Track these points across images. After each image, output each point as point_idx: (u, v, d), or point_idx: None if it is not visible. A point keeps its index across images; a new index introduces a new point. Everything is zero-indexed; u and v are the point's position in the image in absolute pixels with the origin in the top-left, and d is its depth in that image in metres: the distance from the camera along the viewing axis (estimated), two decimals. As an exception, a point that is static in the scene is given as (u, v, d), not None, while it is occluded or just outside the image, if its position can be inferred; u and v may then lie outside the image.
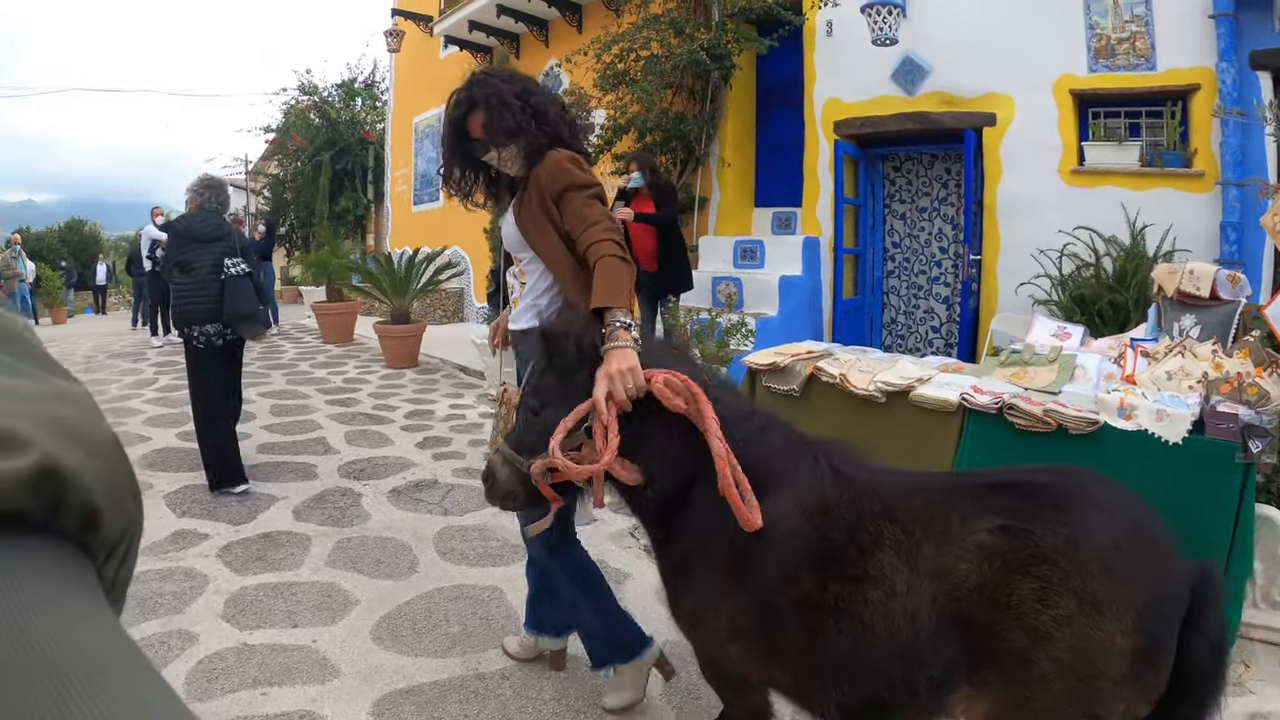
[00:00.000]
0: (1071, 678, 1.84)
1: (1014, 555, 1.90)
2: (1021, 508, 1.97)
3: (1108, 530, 1.92)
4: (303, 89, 22.97)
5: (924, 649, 1.96)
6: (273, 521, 5.28)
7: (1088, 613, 1.83)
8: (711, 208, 9.76)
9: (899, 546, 2.01)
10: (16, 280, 18.15)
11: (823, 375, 4.22)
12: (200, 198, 6.00)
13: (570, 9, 11.84)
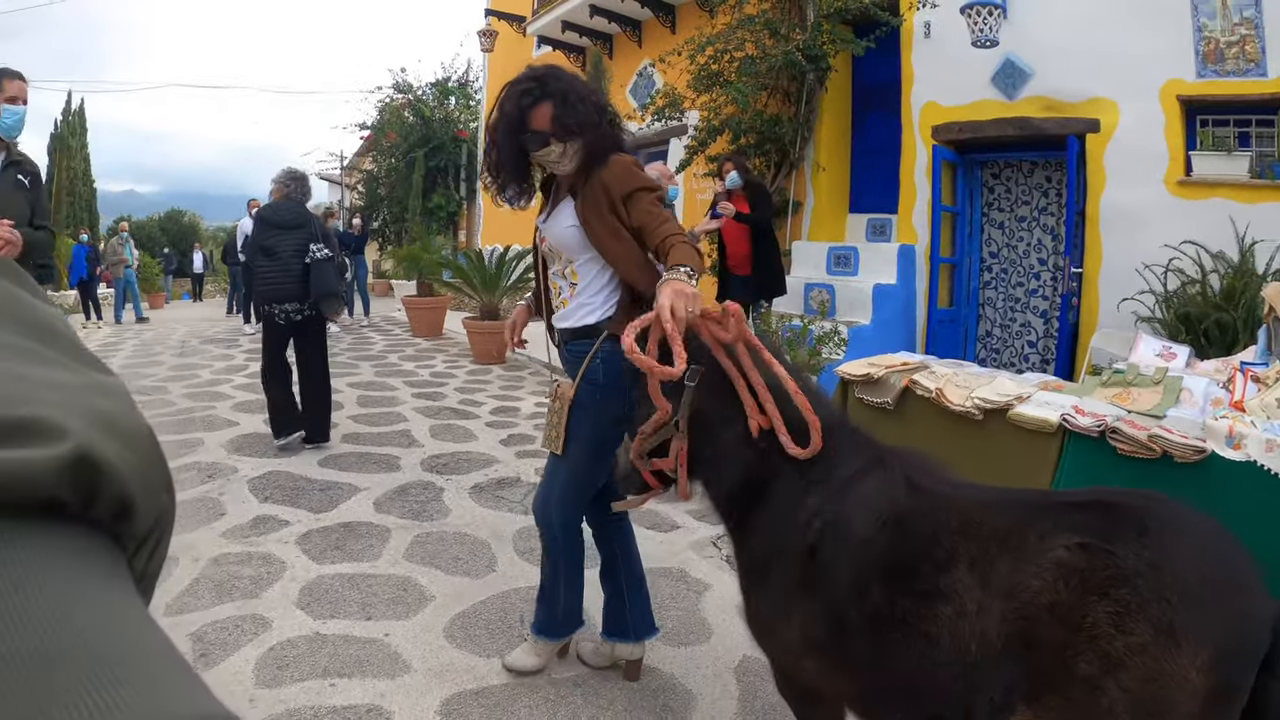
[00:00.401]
0: (1140, 711, 1.72)
1: (1092, 575, 1.79)
2: (1104, 527, 1.85)
3: (1192, 559, 1.80)
4: (398, 87, 23.34)
5: (989, 670, 1.87)
6: (353, 511, 5.33)
7: (1163, 643, 1.71)
8: (805, 212, 9.59)
9: (973, 563, 1.93)
10: (122, 266, 18.66)
11: (918, 389, 4.07)
12: (285, 188, 6.78)
13: (663, 9, 11.79)
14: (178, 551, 4.69)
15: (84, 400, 0.42)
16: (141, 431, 0.45)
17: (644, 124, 10.05)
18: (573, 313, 3.23)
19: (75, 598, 0.36)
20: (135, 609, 0.40)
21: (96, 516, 0.40)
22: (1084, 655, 1.76)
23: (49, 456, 0.37)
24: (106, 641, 0.35)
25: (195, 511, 5.34)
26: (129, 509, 0.42)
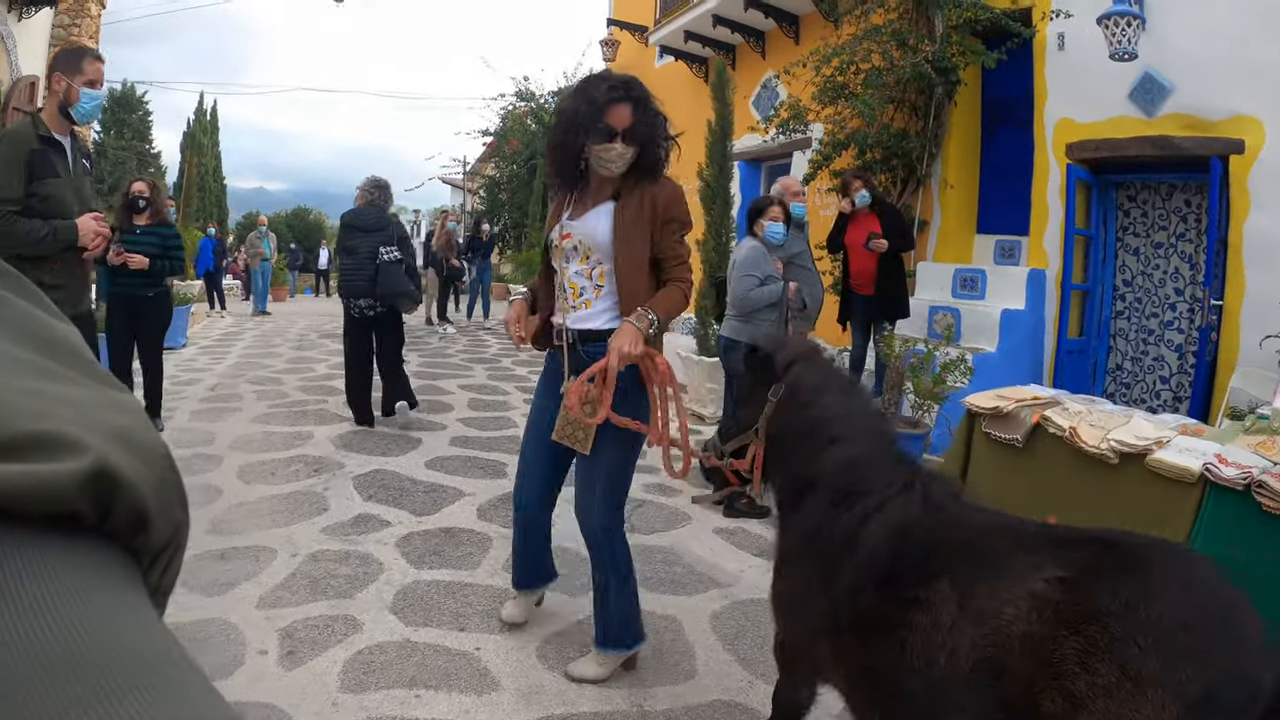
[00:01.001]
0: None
1: (1065, 609, 1.78)
2: (1089, 564, 1.85)
3: (1174, 606, 1.74)
4: (520, 95, 23.56)
5: (957, 692, 1.92)
6: (455, 517, 5.26)
7: (1128, 689, 1.67)
8: (931, 231, 9.20)
9: (955, 579, 1.99)
10: (259, 259, 19.22)
11: (1050, 426, 3.82)
12: (369, 195, 7.43)
13: (787, 19, 11.57)
14: (277, 544, 4.69)
15: (101, 416, 0.43)
16: (157, 447, 0.45)
17: (767, 136, 9.85)
18: (597, 315, 3.34)
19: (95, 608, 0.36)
20: (152, 619, 0.40)
21: (113, 530, 0.40)
22: (1049, 692, 1.75)
23: (68, 470, 0.37)
24: (126, 651, 0.36)
25: (298, 505, 5.36)
26: (145, 522, 0.42)
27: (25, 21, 13.47)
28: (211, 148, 40.24)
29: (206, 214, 35.86)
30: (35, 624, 0.33)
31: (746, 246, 5.63)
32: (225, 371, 10.58)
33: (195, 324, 15.49)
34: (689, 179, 13.77)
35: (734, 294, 5.52)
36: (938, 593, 1.99)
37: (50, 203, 4.16)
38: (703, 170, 8.80)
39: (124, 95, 39.73)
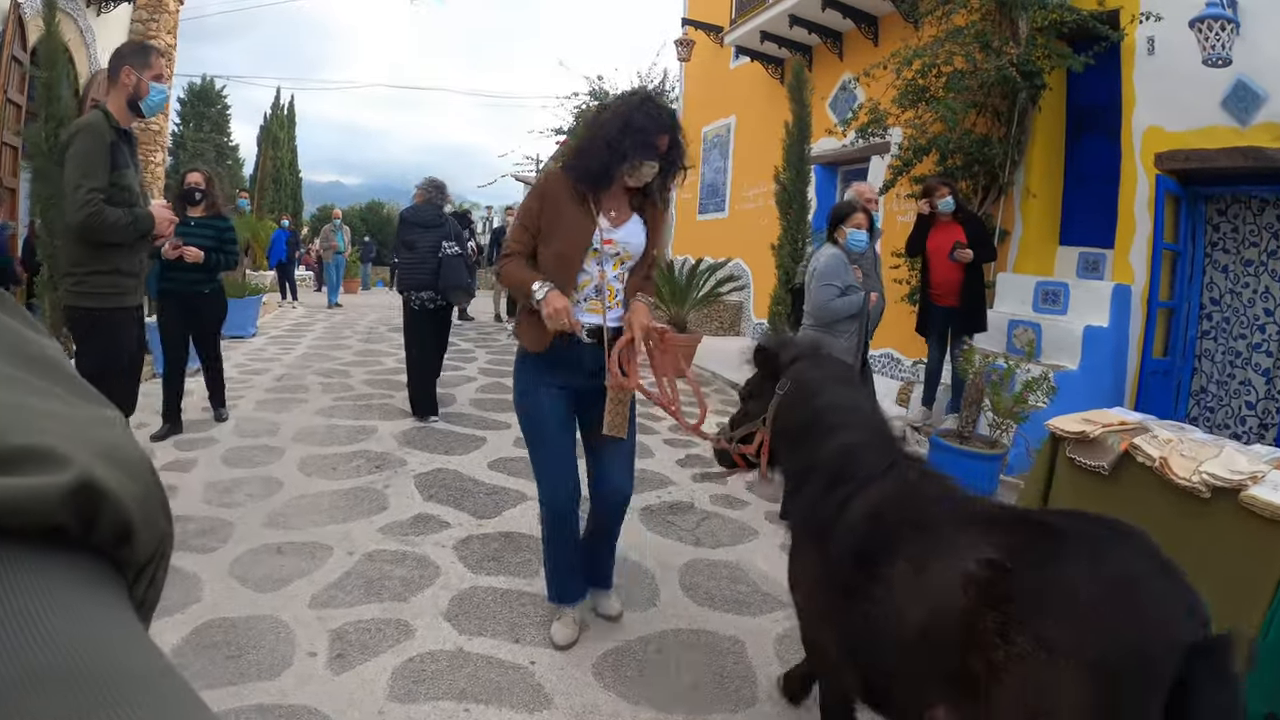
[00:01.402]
0: (1028, 711, 1.86)
1: (989, 587, 1.99)
2: (1016, 545, 2.06)
3: (1091, 581, 1.92)
4: (594, 95, 23.53)
5: (907, 657, 2.16)
6: (516, 521, 5.14)
7: (1040, 657, 1.85)
8: (1012, 242, 8.80)
9: (914, 558, 2.22)
10: (333, 252, 19.42)
11: (1138, 455, 3.59)
12: (427, 194, 7.86)
13: (866, 20, 11.28)
14: (333, 541, 4.63)
15: (85, 430, 0.43)
16: (141, 461, 0.46)
17: (845, 140, 9.59)
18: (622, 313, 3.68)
19: (81, 620, 0.37)
20: (139, 632, 0.41)
21: (98, 543, 0.41)
22: (976, 660, 1.95)
23: (53, 483, 0.38)
24: (113, 664, 0.36)
25: (358, 501, 5.30)
26: (129, 536, 0.42)
27: (104, 16, 13.72)
28: (288, 141, 41.08)
29: (282, 206, 36.58)
30: (21, 636, 0.34)
31: (827, 254, 5.37)
32: (293, 362, 10.65)
33: (266, 314, 15.66)
34: (764, 182, 13.61)
35: (814, 303, 5.29)
36: (899, 569, 2.23)
37: (126, 193, 4.27)
38: (779, 173, 8.60)
39: (203, 89, 40.66)
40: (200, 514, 5.02)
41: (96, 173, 4.07)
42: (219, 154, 40.16)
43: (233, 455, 6.25)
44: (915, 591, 2.16)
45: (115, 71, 4.27)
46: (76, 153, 4.08)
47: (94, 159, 4.08)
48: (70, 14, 12.49)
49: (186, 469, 5.91)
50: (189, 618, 3.74)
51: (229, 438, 6.74)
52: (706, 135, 16.81)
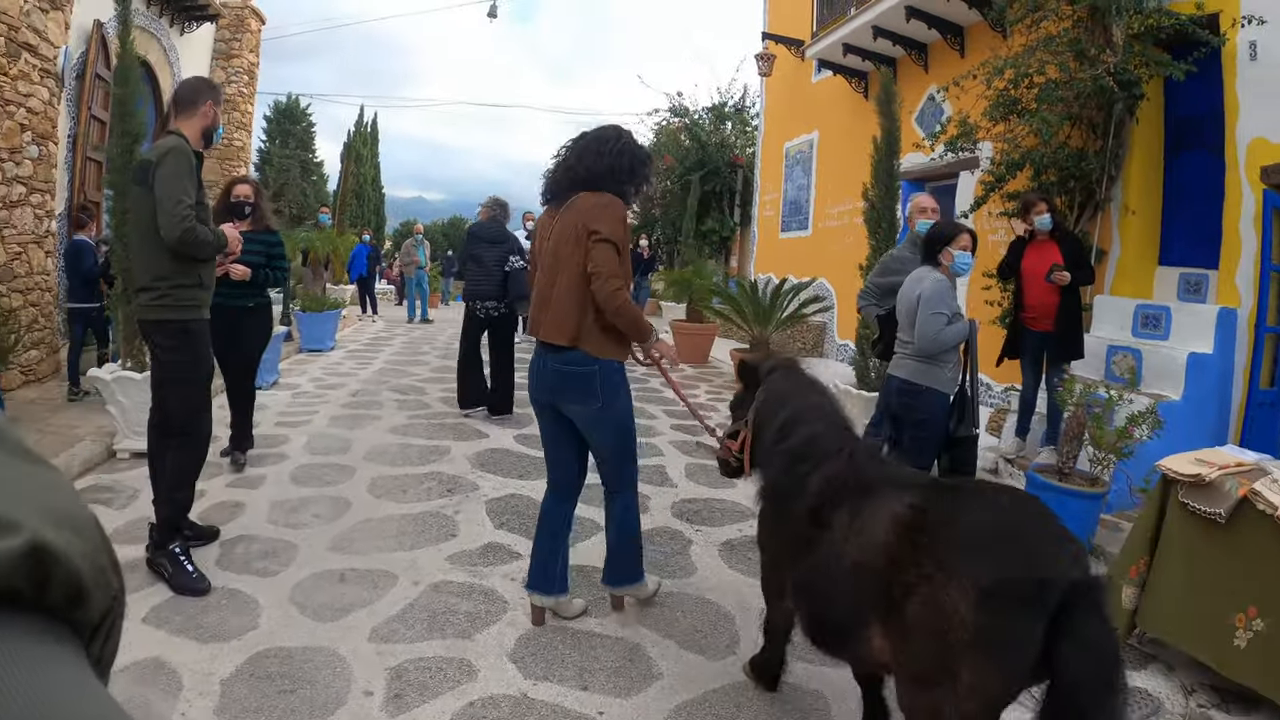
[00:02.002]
0: (927, 628, 2.29)
1: (908, 524, 2.47)
2: (933, 496, 2.59)
3: (988, 524, 2.40)
4: (674, 111, 23.43)
5: (847, 586, 2.65)
6: (590, 554, 4.88)
7: (941, 578, 2.28)
8: (1109, 262, 8.19)
9: (852, 509, 2.74)
10: (414, 267, 19.53)
11: (1258, 501, 3.29)
12: (491, 211, 8.74)
13: (951, 30, 10.83)
14: (399, 569, 4.49)
15: (34, 495, 0.44)
16: (89, 521, 0.47)
17: (933, 154, 9.21)
18: None
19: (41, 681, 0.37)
20: (98, 691, 0.41)
21: (51, 604, 0.41)
22: (895, 583, 2.40)
23: (4, 548, 0.38)
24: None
25: (427, 527, 5.16)
26: (82, 596, 0.43)
27: (187, 35, 13.97)
28: (370, 158, 41.75)
29: (364, 221, 37.17)
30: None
31: (932, 279, 4.88)
32: (369, 377, 10.62)
33: (346, 327, 15.75)
34: (849, 199, 13.29)
35: (921, 333, 4.82)
36: (839, 519, 2.78)
37: (205, 211, 4.38)
38: (867, 190, 8.26)
39: (288, 107, 41.49)
40: (265, 534, 4.94)
41: (190, 190, 4.14)
42: (304, 170, 40.89)
43: (302, 473, 6.17)
44: (853, 532, 2.69)
45: (194, 102, 4.37)
46: (170, 173, 4.10)
47: (186, 178, 4.14)
48: (154, 34, 12.70)
49: (255, 486, 5.84)
50: (245, 645, 3.62)
51: (300, 454, 6.67)
52: (789, 151, 16.44)
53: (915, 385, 4.85)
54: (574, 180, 3.81)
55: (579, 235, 3.67)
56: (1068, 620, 2.14)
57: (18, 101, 8.08)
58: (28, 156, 8.32)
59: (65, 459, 5.99)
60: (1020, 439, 7.08)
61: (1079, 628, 2.14)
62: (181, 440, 4.40)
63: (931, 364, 4.82)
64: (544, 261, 3.86)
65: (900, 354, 5.04)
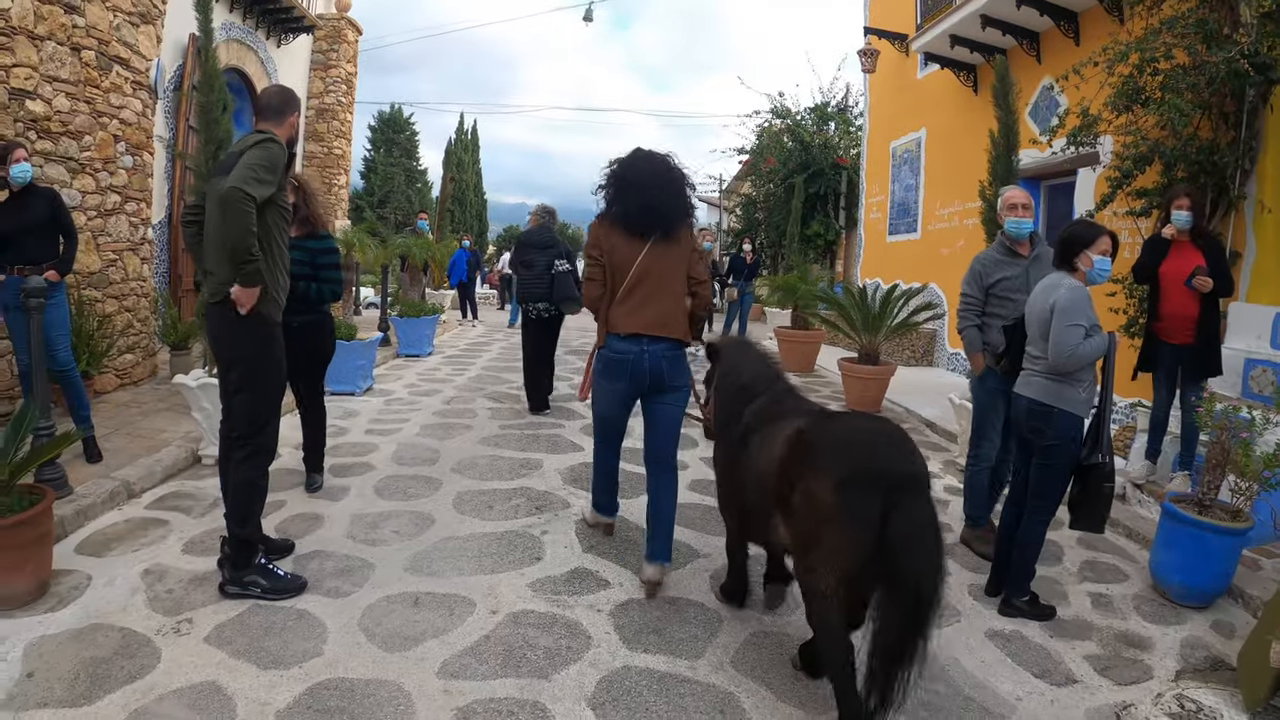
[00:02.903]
0: (808, 513, 3.17)
1: (795, 439, 3.39)
2: (815, 419, 3.53)
3: (844, 437, 3.32)
4: (775, 112, 23.01)
5: (761, 489, 3.58)
6: (686, 585, 4.57)
7: (811, 474, 3.18)
8: (1244, 265, 7.27)
9: (765, 432, 3.69)
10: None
11: None
12: (541, 219, 9.20)
13: (1065, 17, 10.16)
14: (477, 595, 4.26)
15: None
16: None
17: (1049, 149, 8.58)
18: None
19: None
20: None
21: None
22: (785, 480, 3.32)
23: None
24: None
25: (511, 548, 4.92)
26: None
27: (285, 47, 14.14)
28: (472, 165, 42.31)
29: (467, 226, 37.60)
30: None
31: (1067, 286, 4.28)
32: (464, 384, 10.52)
33: (445, 332, 15.74)
34: (959, 200, 12.72)
35: (1058, 347, 4.21)
36: (755, 439, 3.73)
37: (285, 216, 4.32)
38: (984, 189, 7.67)
39: (392, 116, 42.31)
40: (341, 551, 4.76)
41: (269, 180, 3.95)
42: (408, 178, 41.64)
43: (386, 485, 6.01)
44: (765, 448, 3.60)
45: (282, 111, 4.30)
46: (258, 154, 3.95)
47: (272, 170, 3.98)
48: (251, 46, 12.84)
49: (336, 498, 5.69)
50: (306, 674, 3.42)
51: (386, 465, 6.52)
52: (895, 150, 15.85)
53: (1045, 406, 4.30)
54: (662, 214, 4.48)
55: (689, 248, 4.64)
56: (897, 501, 2.95)
57: (110, 113, 8.15)
58: (122, 166, 8.40)
59: (149, 464, 5.98)
60: (1150, 462, 6.42)
61: (904, 505, 2.96)
62: (248, 452, 4.20)
63: (1064, 382, 4.27)
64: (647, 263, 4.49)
65: (1029, 370, 4.50)
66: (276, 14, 13.32)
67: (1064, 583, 4.95)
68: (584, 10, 23.08)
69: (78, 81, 7.62)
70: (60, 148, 7.44)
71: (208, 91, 6.23)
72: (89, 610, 3.91)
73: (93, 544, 4.71)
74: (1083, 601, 4.69)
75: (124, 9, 8.26)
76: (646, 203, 4.44)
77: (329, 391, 8.73)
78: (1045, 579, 4.80)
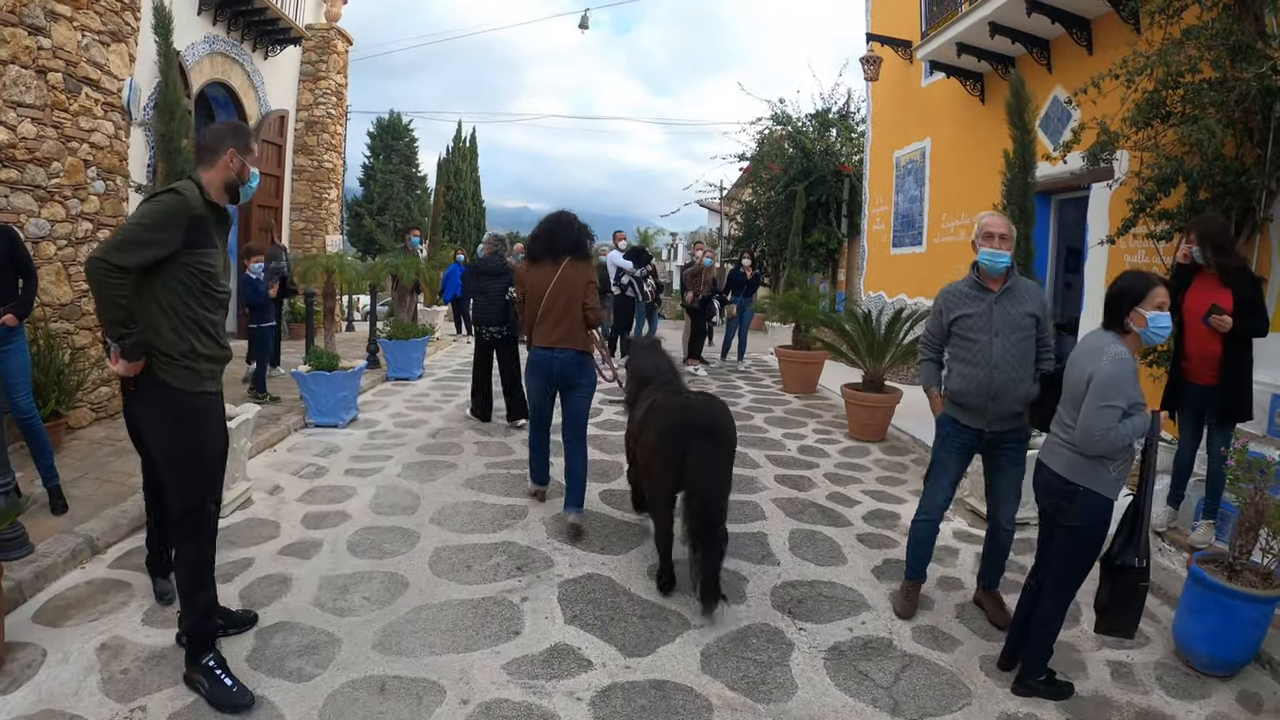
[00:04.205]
0: (645, 452, 5.14)
1: (649, 408, 5.18)
2: (664, 396, 5.28)
3: (669, 407, 5.04)
4: (776, 119, 22.72)
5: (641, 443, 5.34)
6: (673, 663, 4.17)
7: (649, 428, 4.99)
8: (1270, 291, 6.75)
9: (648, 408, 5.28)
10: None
11: None
12: (494, 247, 10.30)
13: (1077, 24, 9.70)
14: (449, 679, 3.89)
15: None
16: None
17: (1062, 162, 8.07)
18: None
19: None
20: None
21: None
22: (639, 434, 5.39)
23: None
24: None
25: (487, 619, 4.54)
26: None
27: (271, 59, 13.83)
28: (470, 173, 42.14)
29: (464, 235, 37.27)
30: None
31: (1112, 354, 3.65)
32: (452, 413, 10.20)
33: (437, 350, 15.42)
34: (965, 212, 12.31)
35: (1085, 429, 3.61)
36: (642, 410, 5.42)
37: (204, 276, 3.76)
38: (1000, 210, 7.14)
39: (391, 123, 42.16)
40: (307, 622, 4.39)
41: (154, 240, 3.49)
42: (407, 184, 41.47)
43: (361, 540, 5.63)
44: (641, 418, 5.34)
45: (215, 150, 3.81)
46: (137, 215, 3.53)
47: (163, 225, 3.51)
48: (236, 59, 12.53)
49: (308, 555, 5.33)
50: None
51: (363, 514, 6.17)
52: (899, 161, 15.42)
53: (1069, 484, 3.77)
54: (560, 249, 6.24)
55: (584, 282, 6.21)
56: (694, 444, 4.70)
57: (80, 137, 7.79)
58: (94, 192, 8.03)
59: (114, 515, 5.64)
60: (1173, 508, 5.94)
61: (698, 447, 4.69)
62: (181, 535, 3.81)
63: (1093, 460, 3.72)
64: (555, 297, 6.13)
65: (1055, 437, 3.96)
66: (262, 26, 13.01)
67: (1082, 649, 4.54)
68: (579, 18, 22.86)
69: (44, 105, 7.27)
70: (27, 176, 7.11)
71: (168, 120, 5.84)
72: (41, 693, 3.59)
73: (51, 611, 4.37)
74: (1102, 673, 4.29)
75: (93, 28, 7.89)
76: (549, 236, 6.31)
77: (311, 423, 8.36)
78: (1062, 644, 4.35)
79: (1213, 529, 5.55)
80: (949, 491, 4.86)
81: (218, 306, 3.85)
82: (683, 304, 15.53)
